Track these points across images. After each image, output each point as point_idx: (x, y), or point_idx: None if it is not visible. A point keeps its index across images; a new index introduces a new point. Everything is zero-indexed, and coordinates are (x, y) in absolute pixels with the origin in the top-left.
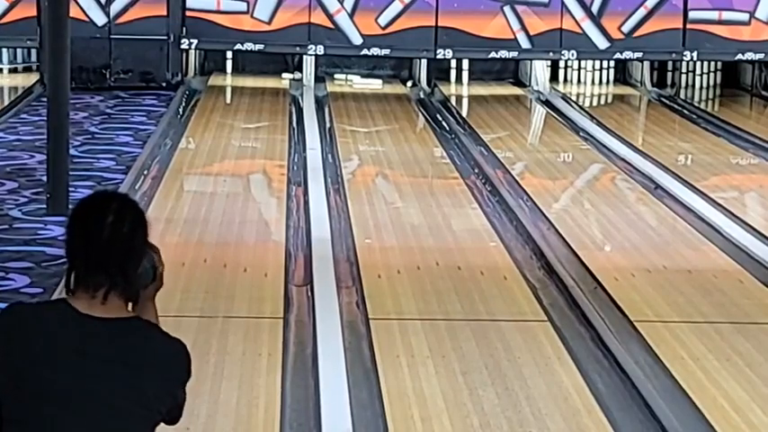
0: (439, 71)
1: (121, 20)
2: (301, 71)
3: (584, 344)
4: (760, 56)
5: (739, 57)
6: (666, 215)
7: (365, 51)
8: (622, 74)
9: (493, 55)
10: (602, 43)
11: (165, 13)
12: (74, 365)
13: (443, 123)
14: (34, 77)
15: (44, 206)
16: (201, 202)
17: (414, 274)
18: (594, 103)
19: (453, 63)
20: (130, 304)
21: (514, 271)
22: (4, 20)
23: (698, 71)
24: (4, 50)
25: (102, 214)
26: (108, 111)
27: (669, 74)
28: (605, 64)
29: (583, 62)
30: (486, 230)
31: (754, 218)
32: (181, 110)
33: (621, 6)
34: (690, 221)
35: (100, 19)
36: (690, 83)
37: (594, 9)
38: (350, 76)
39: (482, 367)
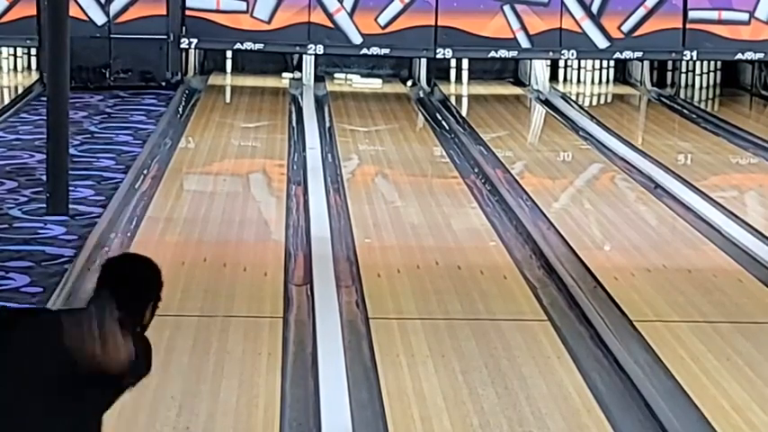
0: (438, 70)
1: (121, 19)
2: (301, 70)
3: (583, 343)
4: (760, 55)
5: (739, 56)
6: (666, 214)
7: (365, 51)
8: (622, 73)
9: (493, 54)
10: (601, 43)
11: (164, 12)
12: None
13: (443, 123)
14: (34, 77)
15: (44, 205)
16: (201, 201)
17: (413, 273)
18: (594, 103)
19: (453, 62)
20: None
21: (514, 270)
22: (4, 19)
23: (698, 71)
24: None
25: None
26: (108, 110)
27: (669, 73)
28: (605, 63)
29: (582, 62)
30: (486, 230)
31: (754, 217)
32: (180, 109)
33: (621, 6)
34: (690, 221)
35: (99, 18)
36: (689, 82)
37: (594, 8)
38: (350, 76)
39: (482, 367)
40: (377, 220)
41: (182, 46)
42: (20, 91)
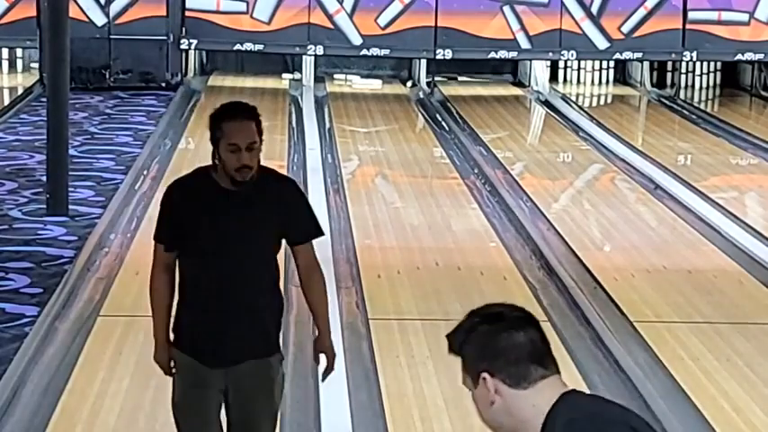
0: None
1: (121, 20)
2: (301, 71)
3: (584, 344)
4: (759, 56)
5: (739, 57)
6: (666, 215)
7: (365, 51)
8: (622, 74)
9: (492, 55)
10: (601, 43)
11: (164, 13)
12: None
13: (443, 123)
14: (34, 77)
15: (44, 206)
16: None
17: (413, 274)
18: (594, 104)
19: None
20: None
21: (514, 271)
22: (4, 20)
23: (697, 71)
24: None
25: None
26: (107, 111)
27: (669, 74)
28: (605, 64)
29: (582, 62)
30: (486, 231)
31: (754, 218)
32: (180, 110)
33: (621, 6)
34: (690, 222)
35: (99, 19)
36: (689, 83)
37: (594, 9)
38: (349, 77)
39: None
40: (377, 220)
41: (182, 47)
42: (20, 91)
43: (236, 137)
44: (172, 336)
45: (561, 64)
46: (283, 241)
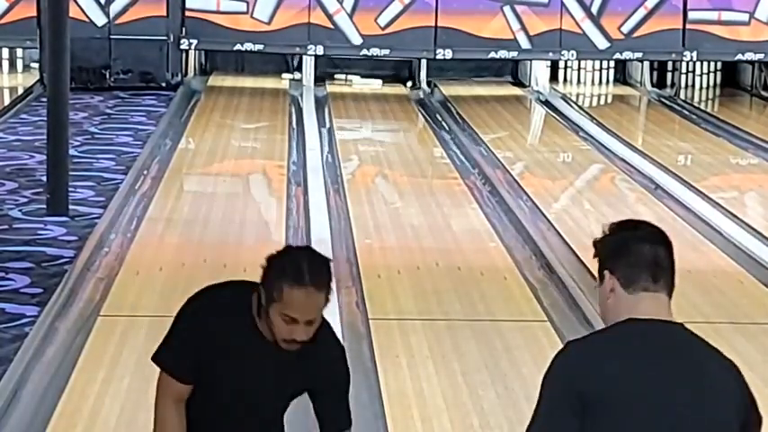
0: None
1: (121, 20)
2: (301, 71)
3: None
4: (760, 56)
5: (739, 57)
6: (666, 215)
7: (365, 51)
8: (622, 74)
9: (492, 55)
10: (601, 43)
11: (164, 13)
12: None
13: (443, 123)
14: (34, 77)
15: (44, 206)
16: (201, 202)
17: (414, 274)
18: (594, 104)
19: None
20: None
21: (514, 271)
22: (4, 20)
23: (698, 71)
24: None
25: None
26: (108, 111)
27: (669, 74)
28: (605, 64)
29: (582, 62)
30: (486, 231)
31: (754, 218)
32: (181, 110)
33: (621, 6)
34: (690, 222)
35: (99, 19)
36: (689, 83)
37: (594, 9)
38: (350, 77)
39: (482, 367)
40: (377, 220)
41: (182, 47)
42: (20, 91)
43: (297, 311)
44: None
45: (561, 64)
46: None
